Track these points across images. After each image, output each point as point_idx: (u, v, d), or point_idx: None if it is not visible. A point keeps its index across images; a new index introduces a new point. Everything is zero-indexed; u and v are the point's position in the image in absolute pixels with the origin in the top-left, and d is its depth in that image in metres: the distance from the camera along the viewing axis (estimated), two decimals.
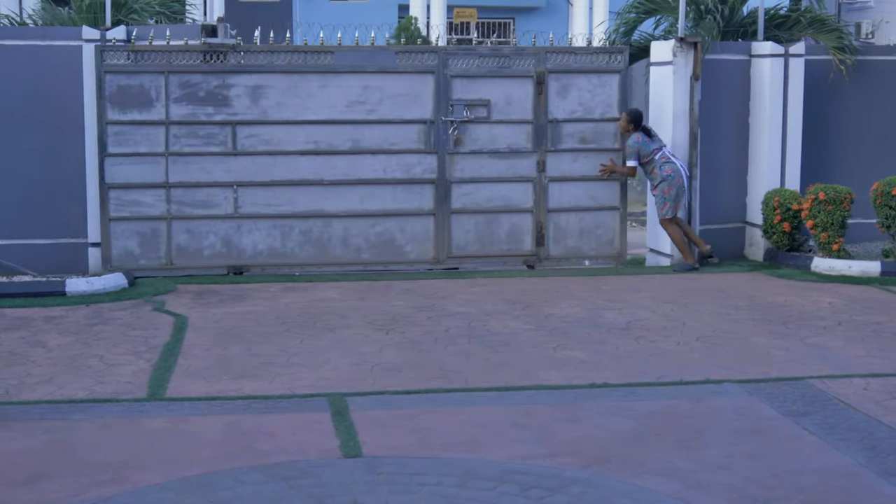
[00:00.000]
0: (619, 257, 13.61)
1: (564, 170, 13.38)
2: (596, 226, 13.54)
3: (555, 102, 13.30)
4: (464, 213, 13.22)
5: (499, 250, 13.35)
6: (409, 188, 13.07)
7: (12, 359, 8.86)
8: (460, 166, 13.16)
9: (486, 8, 35.91)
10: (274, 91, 12.75)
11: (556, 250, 13.46)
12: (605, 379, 8.30)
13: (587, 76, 13.40)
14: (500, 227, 13.33)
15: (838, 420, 7.28)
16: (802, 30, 14.73)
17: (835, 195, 12.81)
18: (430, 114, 13.05)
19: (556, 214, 13.42)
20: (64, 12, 15.80)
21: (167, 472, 6.27)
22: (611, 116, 13.45)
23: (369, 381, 8.26)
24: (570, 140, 13.39)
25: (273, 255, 12.84)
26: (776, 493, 6.00)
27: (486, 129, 13.20)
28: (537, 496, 5.88)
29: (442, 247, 13.16)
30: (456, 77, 13.08)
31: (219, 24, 12.93)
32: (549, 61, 13.29)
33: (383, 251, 13.07)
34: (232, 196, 12.72)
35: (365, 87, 12.93)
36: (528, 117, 13.27)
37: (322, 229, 12.94)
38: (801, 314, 10.67)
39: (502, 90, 13.21)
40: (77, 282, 11.53)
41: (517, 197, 13.32)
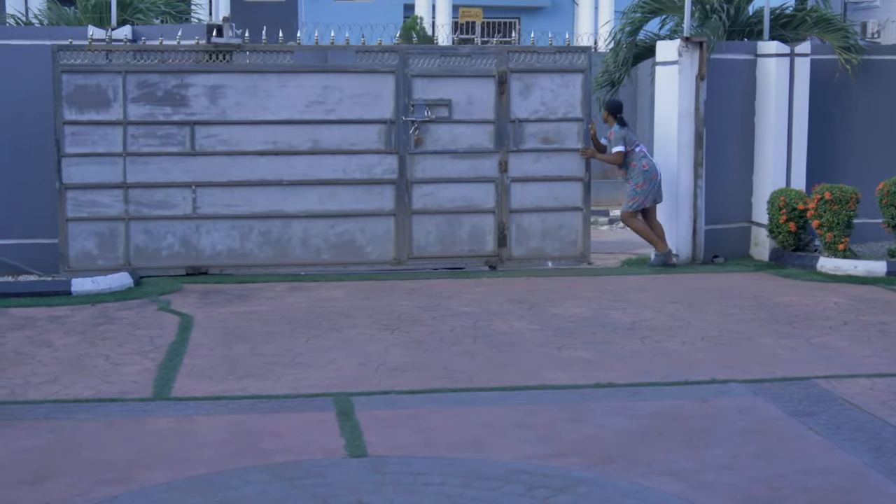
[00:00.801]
0: (583, 258, 13.49)
1: (527, 170, 13.28)
2: (559, 226, 13.43)
3: (517, 102, 13.19)
4: (425, 213, 13.12)
5: (460, 251, 13.24)
6: (369, 188, 12.97)
7: (18, 358, 8.87)
8: (421, 166, 13.06)
9: (492, 8, 35.92)
10: (233, 91, 12.65)
11: (518, 251, 13.36)
12: (610, 379, 8.29)
13: (550, 76, 13.28)
14: (461, 228, 13.23)
15: (844, 420, 7.27)
16: (808, 29, 14.72)
17: (840, 195, 12.80)
18: (390, 114, 12.94)
19: (518, 215, 13.32)
20: (70, 12, 15.83)
21: (172, 472, 6.27)
22: (574, 116, 13.34)
23: (374, 380, 8.26)
24: (533, 140, 13.29)
25: (232, 255, 12.75)
26: (781, 493, 6.00)
27: (447, 129, 13.10)
28: (542, 496, 5.88)
29: (403, 247, 13.05)
30: (417, 76, 12.97)
31: (224, 24, 12.93)
32: (511, 61, 13.18)
33: (343, 252, 12.97)
34: (190, 196, 12.63)
35: (325, 87, 12.83)
36: (490, 117, 13.16)
37: (281, 230, 12.86)
38: (807, 314, 10.66)
39: (464, 90, 13.09)
40: (82, 281, 11.55)
41: (479, 197, 13.21)
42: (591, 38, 31.80)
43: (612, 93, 15.46)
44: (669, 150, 13.74)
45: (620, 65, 15.25)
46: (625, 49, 15.22)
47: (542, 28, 31.38)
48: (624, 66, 15.24)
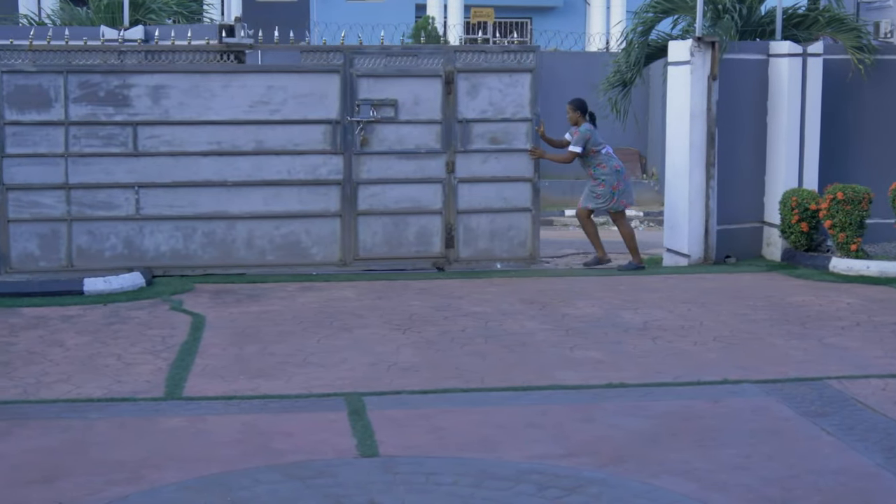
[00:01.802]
0: (532, 259, 13.34)
1: (475, 171, 13.12)
2: (508, 227, 13.28)
3: (465, 102, 13.05)
4: (371, 214, 12.98)
5: (407, 252, 13.11)
6: (314, 189, 12.85)
7: (30, 358, 8.89)
8: (367, 167, 12.92)
9: (504, 7, 35.96)
10: (175, 91, 12.54)
11: (466, 252, 13.21)
12: (622, 379, 8.28)
13: (498, 75, 13.14)
14: (408, 229, 13.09)
15: (856, 421, 7.25)
16: (821, 29, 14.69)
17: (853, 195, 12.77)
18: (336, 114, 12.80)
19: (466, 216, 13.17)
20: (82, 12, 15.88)
21: (184, 472, 6.27)
22: (522, 116, 13.19)
23: (386, 380, 8.26)
24: (481, 140, 13.13)
25: (176, 256, 12.64)
26: (794, 493, 5.98)
27: (393, 129, 12.97)
28: (554, 496, 5.87)
29: (349, 249, 12.93)
30: (362, 76, 12.82)
31: (236, 24, 12.95)
32: (458, 60, 13.04)
33: (289, 253, 12.86)
34: (133, 197, 12.52)
35: (269, 87, 12.70)
36: (437, 117, 13.01)
37: (226, 231, 12.74)
38: (819, 314, 10.63)
39: (410, 90, 12.95)
40: (95, 281, 11.57)
41: (426, 198, 13.07)
42: (602, 38, 31.81)
43: (625, 93, 15.45)
44: (681, 149, 13.72)
45: (632, 65, 15.23)
46: (637, 49, 15.20)
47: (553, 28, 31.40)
48: (636, 66, 15.22)
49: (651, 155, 27.34)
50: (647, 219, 23.99)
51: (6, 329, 9.91)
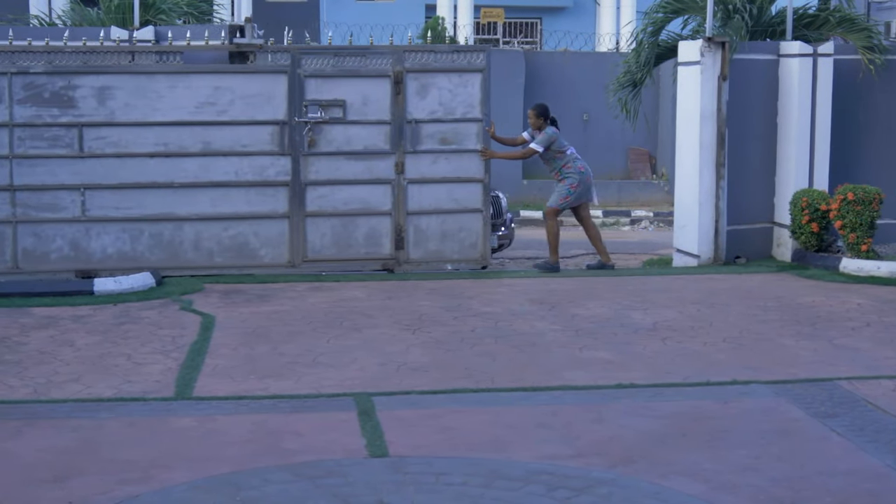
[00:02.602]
0: (483, 261, 13.18)
1: (424, 171, 12.98)
2: (458, 229, 13.10)
3: (414, 102, 12.91)
4: (320, 215, 12.84)
5: (356, 254, 12.95)
6: (262, 191, 12.72)
7: (41, 357, 8.91)
8: (315, 168, 12.78)
9: (514, 8, 35.96)
10: (121, 92, 12.41)
11: (416, 254, 13.05)
12: (631, 379, 8.28)
13: (448, 75, 12.99)
14: (357, 231, 12.94)
15: (866, 422, 7.24)
16: (831, 29, 14.66)
17: (864, 195, 12.74)
18: (283, 115, 12.67)
19: (416, 217, 13.01)
20: (93, 13, 15.91)
21: (194, 471, 6.29)
22: (473, 117, 13.04)
23: (395, 380, 8.27)
24: (431, 141, 12.98)
25: (123, 258, 12.52)
26: (803, 494, 5.98)
27: (341, 129, 12.82)
28: (563, 496, 5.88)
29: (297, 250, 12.80)
30: (310, 77, 12.70)
31: (246, 25, 12.94)
32: (407, 60, 12.89)
33: (237, 255, 12.72)
34: (79, 199, 12.39)
35: (216, 88, 12.58)
36: (386, 118, 12.87)
37: (173, 232, 12.61)
38: (830, 315, 10.62)
39: (358, 90, 12.81)
40: (105, 281, 11.60)
41: (375, 199, 12.93)
42: (612, 38, 31.80)
43: (635, 93, 15.43)
44: (691, 150, 13.70)
45: (642, 65, 15.22)
46: (647, 49, 15.18)
47: (564, 28, 31.40)
48: (646, 66, 15.21)
49: (661, 155, 27.35)
50: (657, 219, 24.01)
51: (17, 329, 9.93)
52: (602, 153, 27.00)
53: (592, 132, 26.76)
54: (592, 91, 25.49)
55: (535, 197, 25.07)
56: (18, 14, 18.05)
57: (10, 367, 8.59)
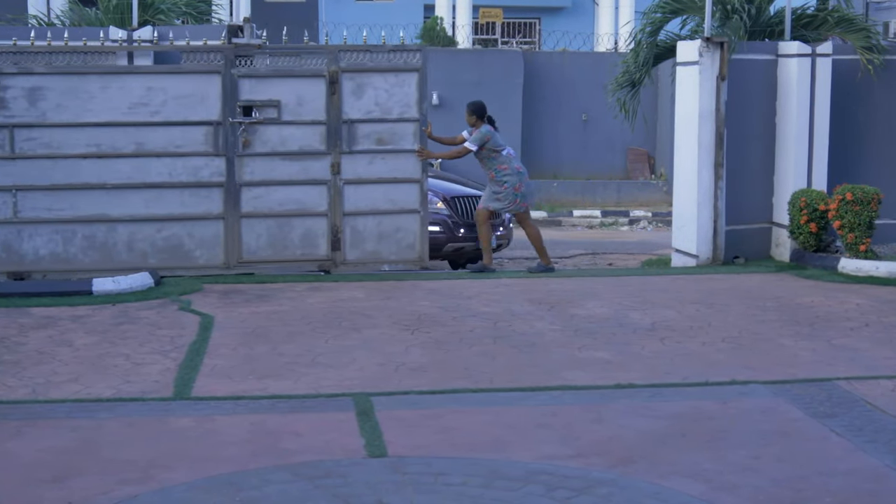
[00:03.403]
0: (420, 261, 13.05)
1: (360, 172, 12.87)
2: (395, 229, 12.99)
3: (349, 102, 12.80)
4: (255, 216, 12.72)
5: (292, 255, 12.85)
6: (196, 191, 12.61)
7: (39, 357, 8.90)
8: (250, 169, 12.67)
9: (512, 8, 35.97)
10: (53, 93, 12.31)
11: (353, 255, 12.93)
12: (630, 379, 8.28)
13: (384, 75, 12.87)
14: (293, 232, 12.83)
15: (865, 422, 7.24)
16: (830, 29, 14.67)
17: (862, 196, 12.75)
18: (217, 115, 12.55)
19: (352, 218, 12.88)
20: (91, 13, 15.90)
21: (193, 471, 6.29)
22: (410, 117, 12.92)
23: (395, 380, 8.27)
24: (367, 141, 12.86)
25: (56, 260, 12.41)
26: (803, 494, 5.98)
27: (276, 130, 12.71)
28: (563, 497, 5.87)
29: (232, 252, 12.68)
30: (244, 77, 12.59)
31: (245, 25, 12.93)
32: (342, 60, 12.77)
33: (172, 256, 12.62)
34: (11, 200, 12.27)
35: (148, 89, 12.48)
36: (321, 118, 12.72)
37: (106, 234, 12.51)
38: (828, 315, 10.62)
39: (293, 90, 12.70)
40: (103, 281, 11.58)
41: (311, 200, 12.79)
42: (611, 38, 31.80)
43: (633, 93, 15.42)
44: (690, 150, 13.70)
45: (641, 65, 15.22)
46: (645, 49, 15.18)
47: (562, 28, 31.41)
48: (644, 66, 15.21)
49: (659, 155, 27.36)
50: (656, 219, 24.02)
51: (16, 329, 9.93)
52: (601, 153, 27.04)
53: (591, 132, 26.76)
54: (591, 91, 25.50)
55: (535, 197, 25.08)
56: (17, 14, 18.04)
57: (9, 368, 8.59)
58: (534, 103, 26.59)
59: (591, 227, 23.21)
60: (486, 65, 26.38)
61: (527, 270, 13.41)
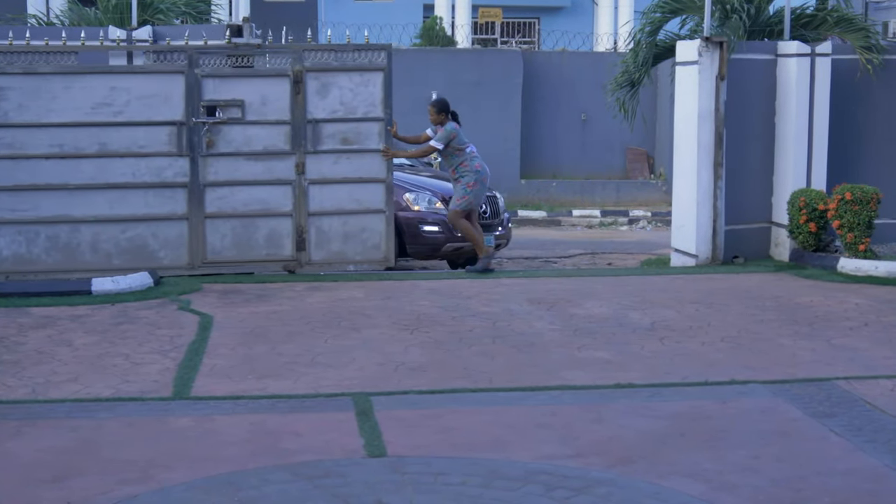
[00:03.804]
0: (386, 261, 13.00)
1: (325, 172, 12.80)
2: (361, 229, 12.93)
3: (314, 102, 12.73)
4: (219, 217, 12.62)
5: (257, 255, 12.77)
6: (160, 192, 12.55)
7: (39, 357, 8.91)
8: (214, 169, 12.60)
9: (512, 8, 35.95)
10: (14, 93, 12.23)
11: (318, 255, 12.86)
12: (630, 379, 8.28)
13: (349, 74, 12.81)
14: (258, 232, 12.74)
15: (865, 421, 7.24)
16: (829, 29, 14.67)
17: (861, 195, 12.75)
18: (181, 115, 12.49)
19: (317, 218, 12.81)
20: (90, 12, 15.90)
21: (193, 471, 6.29)
22: (375, 116, 12.86)
23: (394, 380, 8.27)
24: (332, 141, 12.80)
25: (19, 261, 12.34)
26: (803, 494, 5.98)
27: (240, 130, 12.64)
28: (562, 496, 5.88)
29: (197, 252, 12.61)
30: (207, 77, 12.52)
31: (244, 25, 12.92)
32: (306, 59, 12.71)
33: (136, 257, 12.53)
34: None
35: (112, 89, 12.41)
36: (286, 118, 12.67)
37: (70, 235, 12.43)
38: (828, 315, 10.62)
39: (257, 90, 12.64)
40: (103, 281, 11.58)
41: (275, 200, 12.73)
42: (610, 38, 31.80)
43: (633, 93, 15.42)
44: (689, 149, 13.70)
45: (640, 65, 15.21)
46: (644, 49, 15.18)
47: (561, 28, 31.40)
48: (644, 66, 15.21)
49: (659, 155, 27.35)
50: (655, 219, 24.01)
51: (15, 328, 9.93)
52: (600, 153, 27.02)
53: (590, 132, 26.75)
54: (590, 91, 25.48)
55: (534, 197, 25.09)
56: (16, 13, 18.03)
57: (9, 367, 8.59)
58: (533, 103, 26.58)
59: (590, 227, 23.20)
60: (485, 64, 26.37)
61: (465, 270, 13.18)
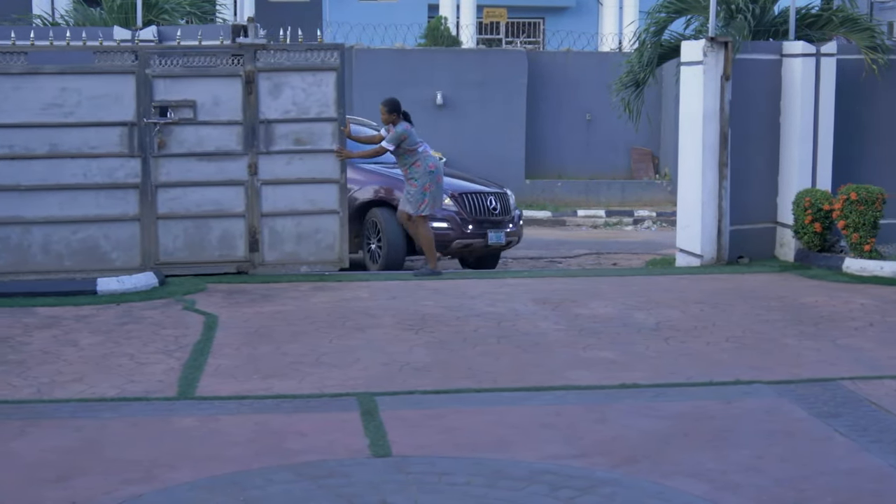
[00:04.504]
0: (340, 262, 12.89)
1: (278, 172, 12.64)
2: (315, 230, 12.82)
3: (266, 102, 12.63)
4: (171, 218, 12.47)
5: (210, 256, 12.65)
6: (112, 193, 12.43)
7: (44, 357, 8.91)
8: (166, 170, 12.50)
9: (516, 8, 35.94)
10: None
11: (271, 256, 12.75)
12: (634, 379, 8.28)
13: (301, 74, 12.70)
14: (211, 233, 12.58)
15: (869, 422, 7.24)
16: (834, 29, 14.65)
17: (867, 195, 12.74)
18: (132, 116, 12.38)
19: (271, 219, 12.66)
20: (95, 13, 15.91)
21: (197, 471, 6.29)
22: (328, 116, 12.76)
23: (399, 380, 8.27)
24: (285, 141, 12.69)
25: None
26: (806, 494, 5.98)
27: (192, 130, 12.54)
28: (567, 496, 5.88)
29: (149, 253, 12.50)
30: (158, 77, 12.42)
31: (248, 24, 12.92)
32: (258, 59, 12.61)
33: (88, 258, 12.41)
34: None
35: (62, 89, 12.31)
36: (238, 118, 12.51)
37: (21, 236, 12.30)
38: (832, 315, 10.61)
39: (209, 90, 12.53)
40: (108, 281, 11.59)
41: (228, 201, 12.57)
42: (615, 38, 31.79)
43: (638, 93, 15.41)
44: (694, 150, 13.70)
45: (645, 65, 15.21)
46: (649, 49, 15.18)
47: (566, 28, 31.39)
48: (648, 66, 15.20)
49: (664, 155, 27.33)
50: (660, 219, 24.00)
51: (20, 328, 9.94)
52: (605, 153, 27.00)
53: (595, 132, 26.74)
54: (595, 91, 25.46)
55: (538, 197, 25.08)
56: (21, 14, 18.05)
57: (14, 367, 8.60)
58: (538, 103, 26.56)
59: (595, 227, 23.19)
60: (489, 64, 26.35)
61: (413, 274, 12.96)
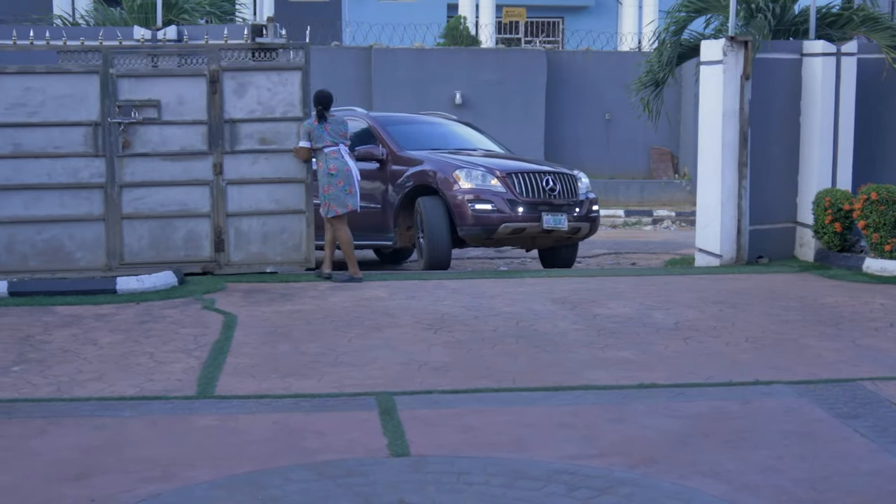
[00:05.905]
0: (306, 262, 12.80)
1: (244, 172, 12.59)
2: (281, 230, 12.76)
3: (231, 102, 12.54)
4: (136, 218, 12.43)
5: (175, 257, 12.59)
6: (76, 193, 12.39)
7: (64, 356, 8.95)
8: (130, 169, 12.45)
9: (536, 7, 35.92)
10: None
11: (237, 256, 12.70)
12: (653, 379, 8.26)
13: (266, 74, 12.66)
14: (176, 233, 12.53)
15: (890, 422, 7.21)
16: (855, 28, 14.60)
17: (887, 195, 12.68)
18: (96, 116, 12.34)
19: (236, 219, 12.61)
20: (116, 12, 15.97)
21: (216, 470, 6.30)
22: (293, 115, 12.69)
23: (417, 380, 8.27)
24: (250, 141, 12.65)
25: None
26: (826, 495, 5.95)
27: (157, 130, 12.50)
28: (585, 496, 5.87)
29: (114, 253, 12.45)
30: (123, 77, 12.38)
31: (268, 24, 12.94)
32: (223, 59, 12.57)
33: (52, 258, 12.38)
34: None
35: (26, 89, 12.28)
36: (203, 118, 12.48)
37: None
38: (853, 315, 10.57)
39: (174, 90, 12.43)
40: (127, 280, 11.63)
41: (193, 201, 12.53)
42: (635, 37, 31.74)
43: (657, 93, 15.39)
44: (713, 149, 13.66)
45: (665, 64, 15.19)
46: (669, 48, 15.15)
47: (585, 28, 31.36)
48: (668, 65, 15.18)
49: (683, 155, 27.29)
50: (679, 219, 23.95)
51: (40, 327, 9.98)
52: (624, 153, 26.99)
53: (614, 132, 26.72)
54: (614, 90, 25.43)
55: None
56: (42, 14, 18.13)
57: (34, 366, 8.64)
58: (557, 102, 26.56)
59: (614, 227, 23.15)
60: (509, 64, 26.35)
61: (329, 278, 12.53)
